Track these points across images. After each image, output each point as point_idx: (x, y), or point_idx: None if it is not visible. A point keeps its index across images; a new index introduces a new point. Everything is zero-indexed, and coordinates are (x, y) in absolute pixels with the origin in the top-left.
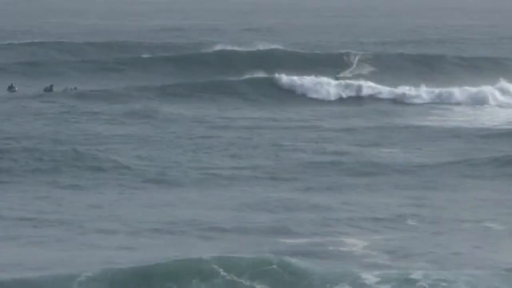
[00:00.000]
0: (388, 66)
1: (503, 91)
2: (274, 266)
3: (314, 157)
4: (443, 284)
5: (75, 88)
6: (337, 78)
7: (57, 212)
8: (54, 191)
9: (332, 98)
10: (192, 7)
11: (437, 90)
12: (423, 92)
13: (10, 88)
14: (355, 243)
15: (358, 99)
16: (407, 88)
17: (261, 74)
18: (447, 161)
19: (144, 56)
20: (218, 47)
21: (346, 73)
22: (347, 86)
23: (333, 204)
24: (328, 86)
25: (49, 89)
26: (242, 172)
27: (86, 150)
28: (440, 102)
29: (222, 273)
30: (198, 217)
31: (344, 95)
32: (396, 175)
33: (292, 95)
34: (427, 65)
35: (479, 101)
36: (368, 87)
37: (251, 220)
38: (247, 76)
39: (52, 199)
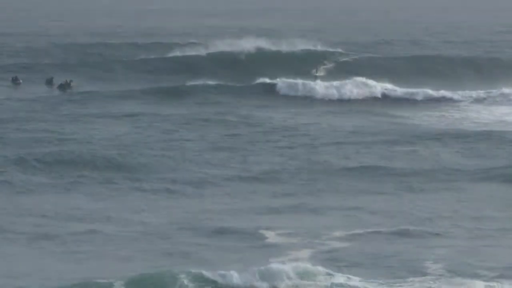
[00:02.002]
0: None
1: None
2: None
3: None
4: None
5: (71, 81)
6: (315, 77)
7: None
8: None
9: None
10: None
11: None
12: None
13: (15, 80)
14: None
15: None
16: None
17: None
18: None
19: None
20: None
21: (324, 70)
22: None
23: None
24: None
25: (50, 81)
26: None
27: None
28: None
29: None
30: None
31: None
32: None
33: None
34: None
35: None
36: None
37: None
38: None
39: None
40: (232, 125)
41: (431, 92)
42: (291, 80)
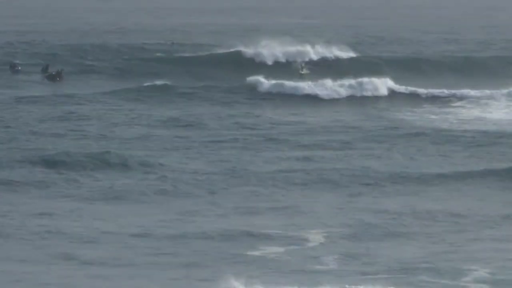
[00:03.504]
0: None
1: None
2: None
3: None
4: None
5: (62, 69)
6: (301, 75)
7: None
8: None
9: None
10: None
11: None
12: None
13: (13, 67)
14: None
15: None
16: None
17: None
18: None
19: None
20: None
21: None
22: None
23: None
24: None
25: (45, 69)
26: None
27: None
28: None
29: None
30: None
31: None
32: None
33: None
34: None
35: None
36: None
37: None
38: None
39: None
40: (218, 125)
41: (421, 91)
42: (277, 81)
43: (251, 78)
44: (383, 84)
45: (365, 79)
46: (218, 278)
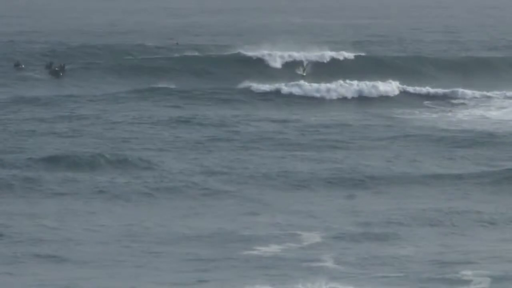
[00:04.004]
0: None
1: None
2: None
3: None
4: None
5: (64, 64)
6: (302, 76)
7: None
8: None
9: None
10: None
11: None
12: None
13: (17, 65)
14: None
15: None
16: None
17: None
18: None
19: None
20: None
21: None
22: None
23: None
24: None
25: (49, 66)
26: None
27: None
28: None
29: None
30: None
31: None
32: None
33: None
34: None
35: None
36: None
37: None
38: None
39: None
40: (218, 125)
41: (421, 90)
42: (278, 81)
43: (251, 78)
44: (383, 84)
45: (365, 79)
46: (216, 279)
